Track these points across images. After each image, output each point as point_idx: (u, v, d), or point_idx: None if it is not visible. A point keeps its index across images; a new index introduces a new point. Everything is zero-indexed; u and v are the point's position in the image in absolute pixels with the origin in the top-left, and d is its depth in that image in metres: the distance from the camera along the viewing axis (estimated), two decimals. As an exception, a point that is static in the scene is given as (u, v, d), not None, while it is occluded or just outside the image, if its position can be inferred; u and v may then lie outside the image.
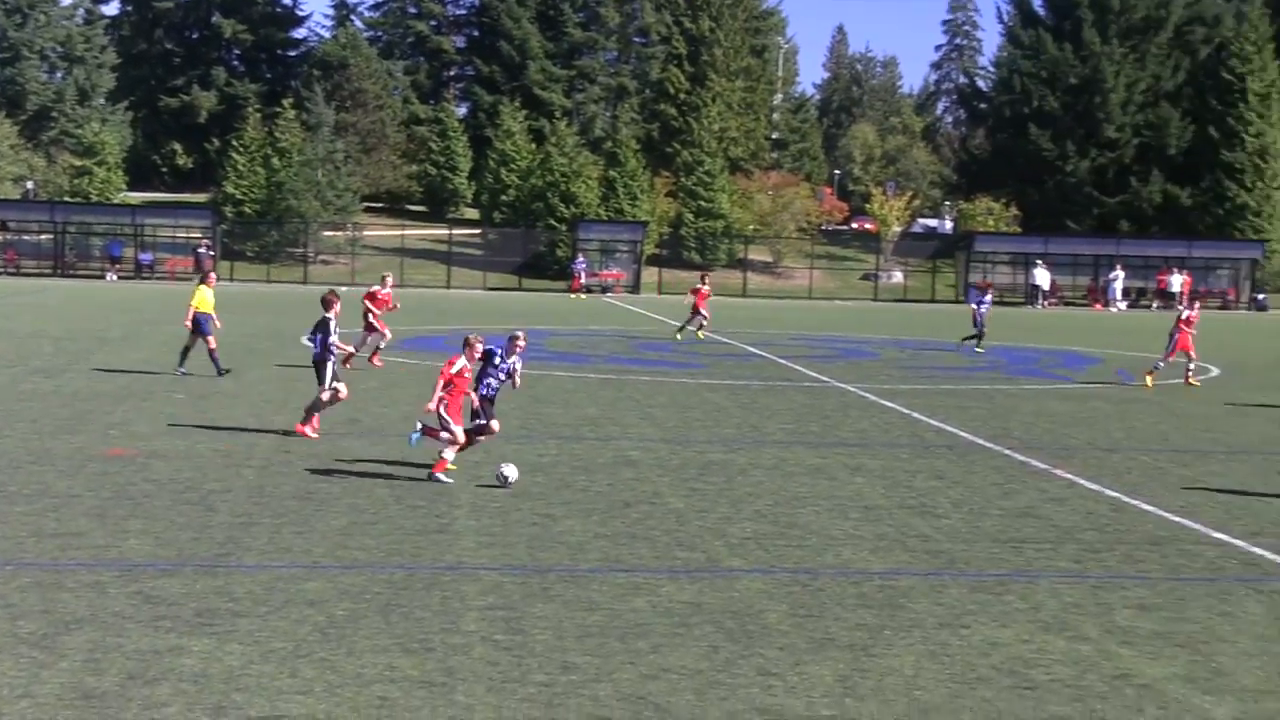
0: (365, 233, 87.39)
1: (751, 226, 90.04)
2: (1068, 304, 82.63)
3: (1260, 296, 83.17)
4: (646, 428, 23.01)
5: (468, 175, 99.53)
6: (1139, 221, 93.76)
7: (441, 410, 17.48)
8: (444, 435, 17.61)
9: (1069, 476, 19.50)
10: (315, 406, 21.17)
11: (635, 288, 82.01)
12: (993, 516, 16.47)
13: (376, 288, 33.31)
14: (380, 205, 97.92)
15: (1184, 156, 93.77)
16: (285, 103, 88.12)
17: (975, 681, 10.20)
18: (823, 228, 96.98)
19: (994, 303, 46.93)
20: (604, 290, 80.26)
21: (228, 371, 28.25)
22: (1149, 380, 32.74)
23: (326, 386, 21.03)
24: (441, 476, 17.48)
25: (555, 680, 9.95)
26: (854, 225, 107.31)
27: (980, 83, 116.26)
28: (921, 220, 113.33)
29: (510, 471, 17.39)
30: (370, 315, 31.83)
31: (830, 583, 13.09)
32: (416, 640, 10.81)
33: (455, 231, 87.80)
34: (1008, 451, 21.71)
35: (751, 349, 41.42)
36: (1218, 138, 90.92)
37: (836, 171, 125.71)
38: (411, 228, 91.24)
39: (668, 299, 76.61)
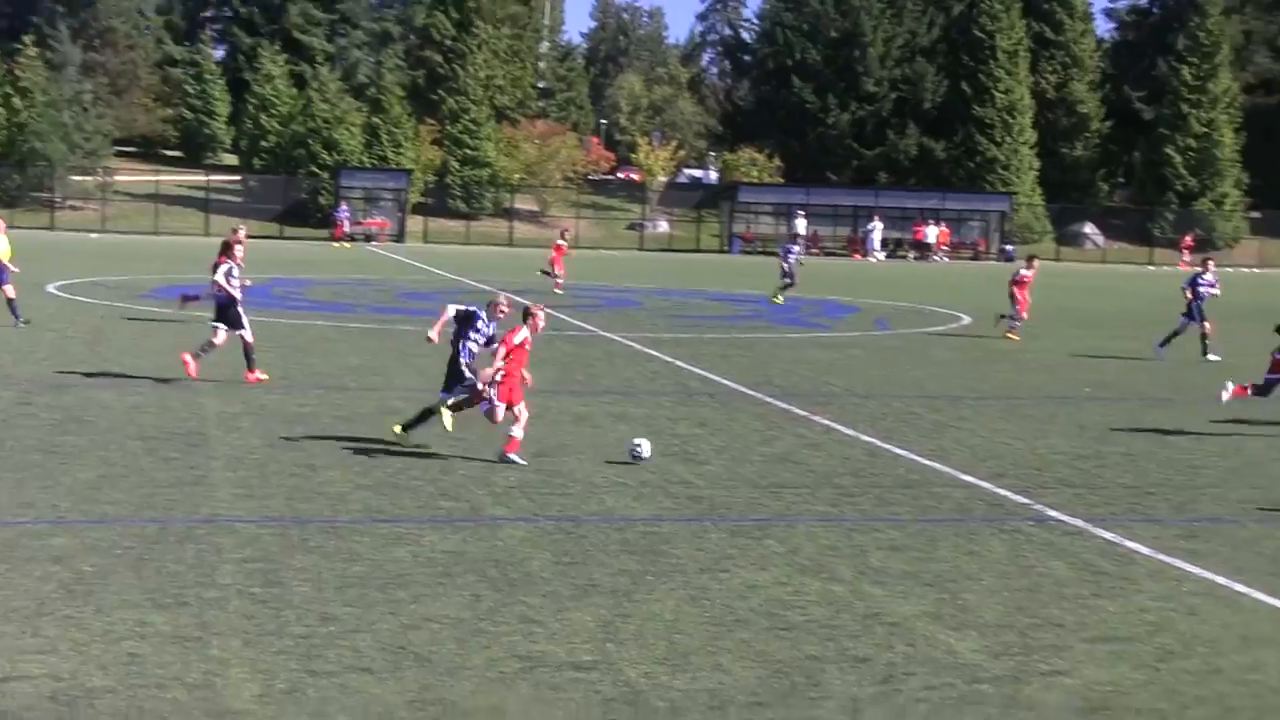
0: (117, 178, 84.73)
1: (518, 175, 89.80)
2: (828, 254, 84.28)
3: (1009, 248, 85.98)
4: (411, 377, 22.82)
5: (226, 120, 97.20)
6: (896, 173, 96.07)
7: (490, 386, 16.25)
8: (493, 410, 16.30)
9: (827, 422, 19.93)
10: (248, 351, 21.38)
11: (400, 237, 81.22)
12: (753, 462, 16.75)
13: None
14: (133, 150, 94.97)
15: (938, 111, 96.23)
16: (27, 39, 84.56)
17: (734, 624, 10.38)
18: (589, 177, 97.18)
19: (757, 253, 47.53)
20: (368, 239, 79.25)
21: (27, 323, 27.44)
22: (1011, 335, 33.54)
23: (245, 329, 21.35)
24: (515, 458, 16.03)
25: (314, 632, 9.83)
26: (620, 175, 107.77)
27: (745, 35, 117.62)
28: (687, 170, 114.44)
29: (645, 449, 16.38)
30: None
31: (593, 530, 13.17)
32: (170, 595, 10.57)
33: (213, 178, 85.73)
34: (768, 399, 22.09)
35: (517, 298, 41.37)
36: (969, 93, 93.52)
37: (603, 121, 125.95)
38: (167, 174, 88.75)
39: (434, 248, 76.02)
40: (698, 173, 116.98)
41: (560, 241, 45.33)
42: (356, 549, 12.14)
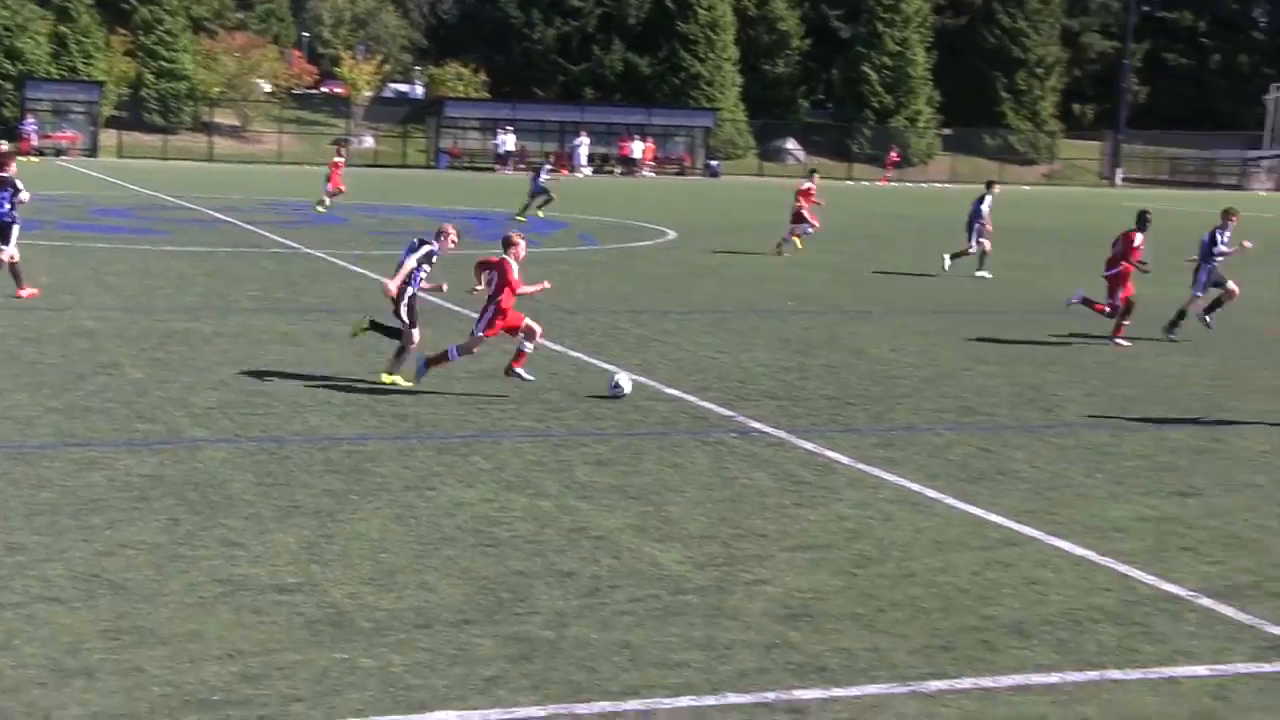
0: None
1: (217, 89, 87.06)
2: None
3: (713, 163, 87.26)
4: (104, 296, 21.99)
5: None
6: (603, 89, 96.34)
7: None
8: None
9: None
10: (15, 273, 20.91)
11: (93, 151, 78.03)
12: (460, 379, 16.63)
13: None
14: None
15: (643, 27, 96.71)
16: None
17: (440, 542, 10.31)
18: (292, 91, 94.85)
19: (465, 168, 47.16)
20: (58, 153, 75.92)
21: None
22: (786, 249, 34.12)
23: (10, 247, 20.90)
24: (522, 372, 15.77)
25: (1, 563, 9.40)
26: (324, 89, 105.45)
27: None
28: (392, 85, 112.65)
29: (625, 384, 15.94)
30: None
31: (297, 450, 12.91)
32: None
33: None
34: (475, 315, 21.93)
35: (217, 214, 40.23)
36: (673, 9, 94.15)
37: (305, 34, 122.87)
38: None
39: (129, 163, 73.28)
40: (404, 87, 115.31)
41: (337, 159, 44.63)
42: (46, 475, 11.64)
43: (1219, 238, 22.83)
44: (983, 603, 9.40)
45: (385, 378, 16.25)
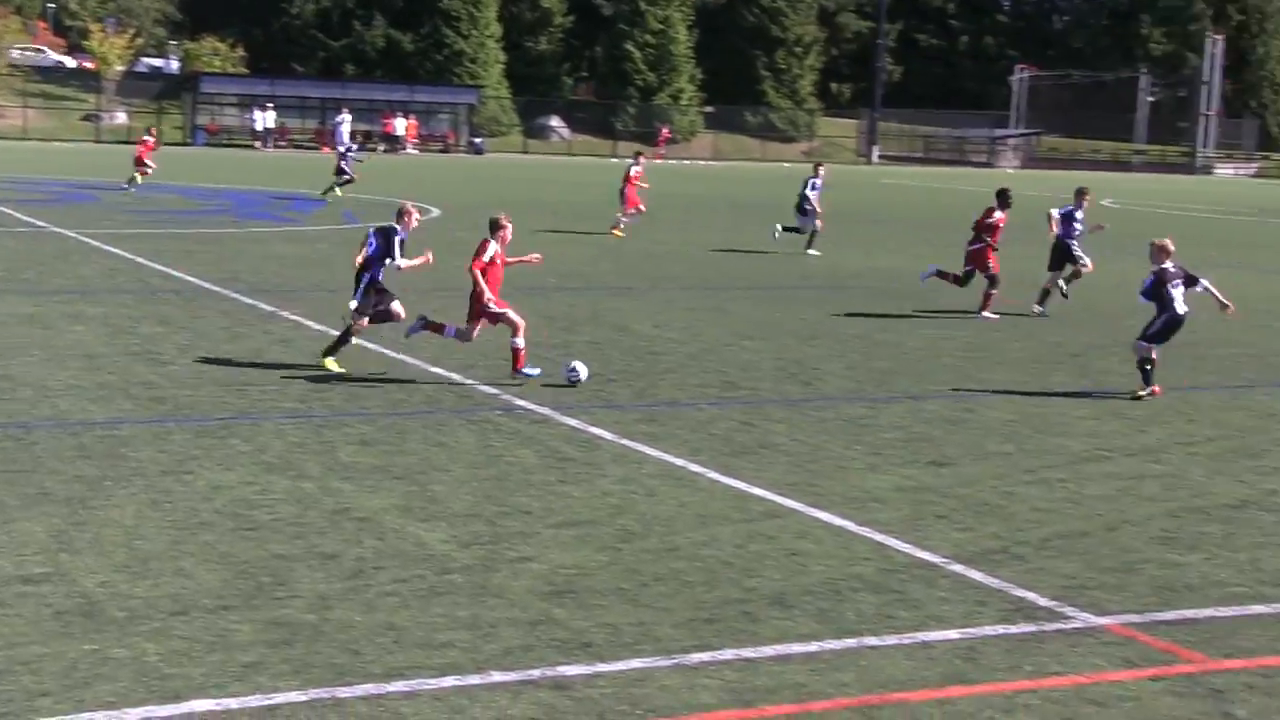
0: None
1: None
2: (296, 146, 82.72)
3: (477, 140, 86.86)
4: None
5: None
6: (364, 66, 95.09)
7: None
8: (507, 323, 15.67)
9: (296, 318, 19.61)
10: None
11: None
12: (219, 361, 16.28)
13: None
14: None
15: (405, 3, 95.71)
16: None
17: (198, 526, 10.07)
18: (38, 65, 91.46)
19: (223, 145, 46.15)
20: None
21: None
22: (616, 231, 34.19)
23: None
24: (528, 371, 15.68)
25: None
26: (72, 63, 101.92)
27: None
28: (146, 60, 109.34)
29: (583, 371, 15.65)
30: None
31: (46, 436, 12.48)
32: None
33: None
34: (235, 295, 21.52)
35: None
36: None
37: (51, 5, 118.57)
38: None
39: None
40: (158, 62, 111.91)
41: (146, 138, 44.08)
42: None
43: (1075, 215, 23.70)
44: (745, 575, 9.54)
45: (326, 363, 15.89)
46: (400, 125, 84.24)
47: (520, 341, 15.67)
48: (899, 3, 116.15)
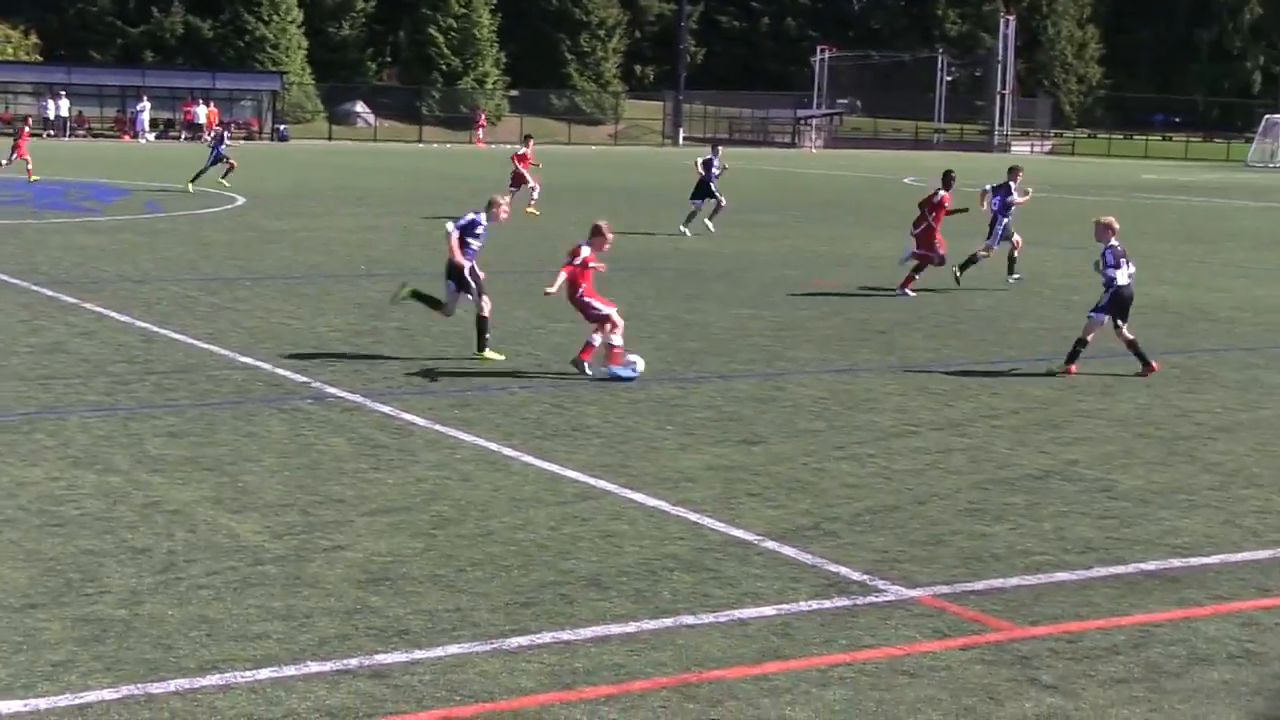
0: None
1: None
2: (95, 135, 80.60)
3: (282, 127, 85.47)
4: None
5: None
6: (164, 53, 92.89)
7: (590, 300, 15.76)
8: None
9: (99, 310, 19.14)
10: None
11: None
12: (20, 355, 15.84)
13: None
14: None
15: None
16: None
17: (2, 524, 9.80)
18: None
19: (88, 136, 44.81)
20: None
21: None
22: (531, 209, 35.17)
23: None
24: (620, 370, 15.67)
25: None
26: None
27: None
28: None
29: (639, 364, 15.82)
30: None
31: None
32: None
33: None
34: (35, 287, 20.95)
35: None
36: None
37: None
38: None
39: None
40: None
41: (24, 128, 44.26)
42: None
43: (1011, 189, 24.53)
44: (561, 557, 9.57)
45: (488, 354, 16.55)
46: (201, 112, 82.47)
47: (617, 339, 15.77)
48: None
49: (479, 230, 16.77)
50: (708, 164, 33.26)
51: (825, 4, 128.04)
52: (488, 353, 16.60)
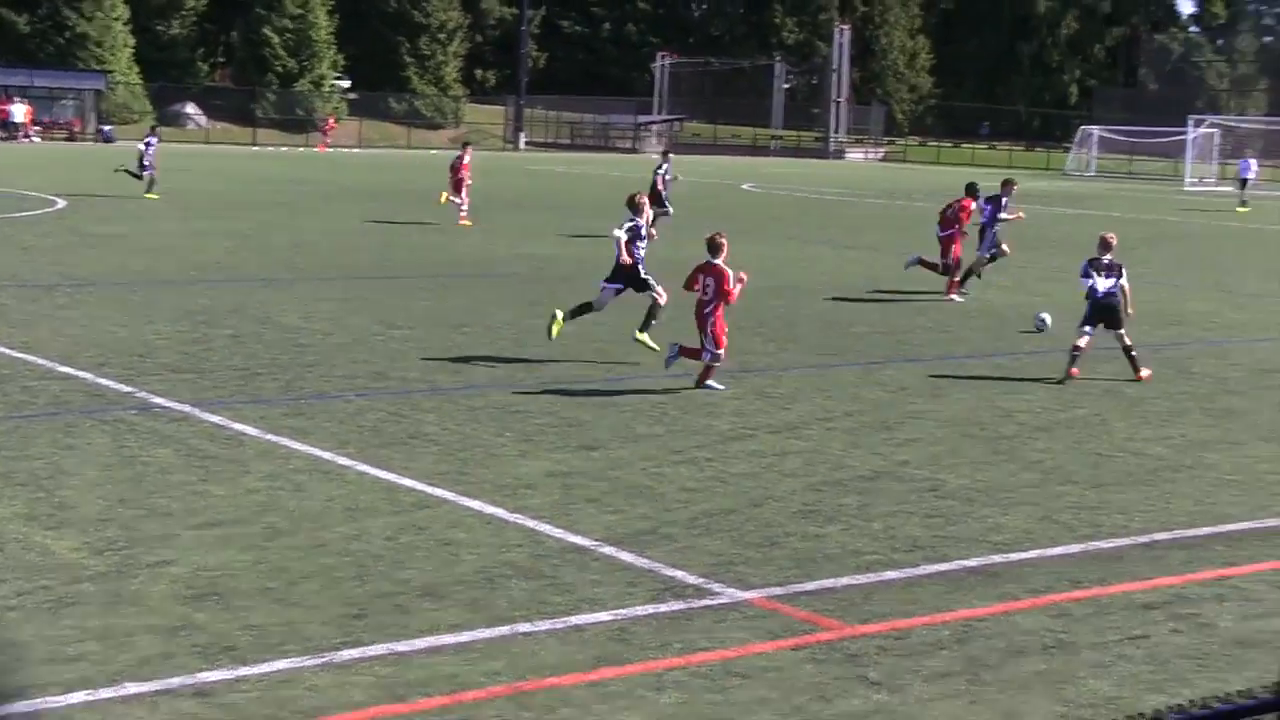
0: None
1: None
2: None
3: (106, 128, 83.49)
4: None
5: None
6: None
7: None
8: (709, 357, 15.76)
9: (-89, 318, 18.47)
10: None
11: None
12: None
13: None
14: None
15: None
16: None
17: None
18: None
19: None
20: None
21: None
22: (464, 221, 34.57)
23: None
24: (713, 383, 15.71)
25: None
26: None
27: None
28: None
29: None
30: None
31: None
32: None
33: None
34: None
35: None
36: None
37: None
38: None
39: None
40: None
41: None
42: None
43: (1002, 203, 25.19)
44: (396, 567, 9.41)
45: (640, 335, 17.21)
46: (18, 111, 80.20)
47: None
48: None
49: (642, 232, 17.60)
50: (661, 172, 34.08)
51: (666, 10, 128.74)
52: (645, 337, 17.25)
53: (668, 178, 34.11)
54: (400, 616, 8.50)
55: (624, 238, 17.45)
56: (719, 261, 15.63)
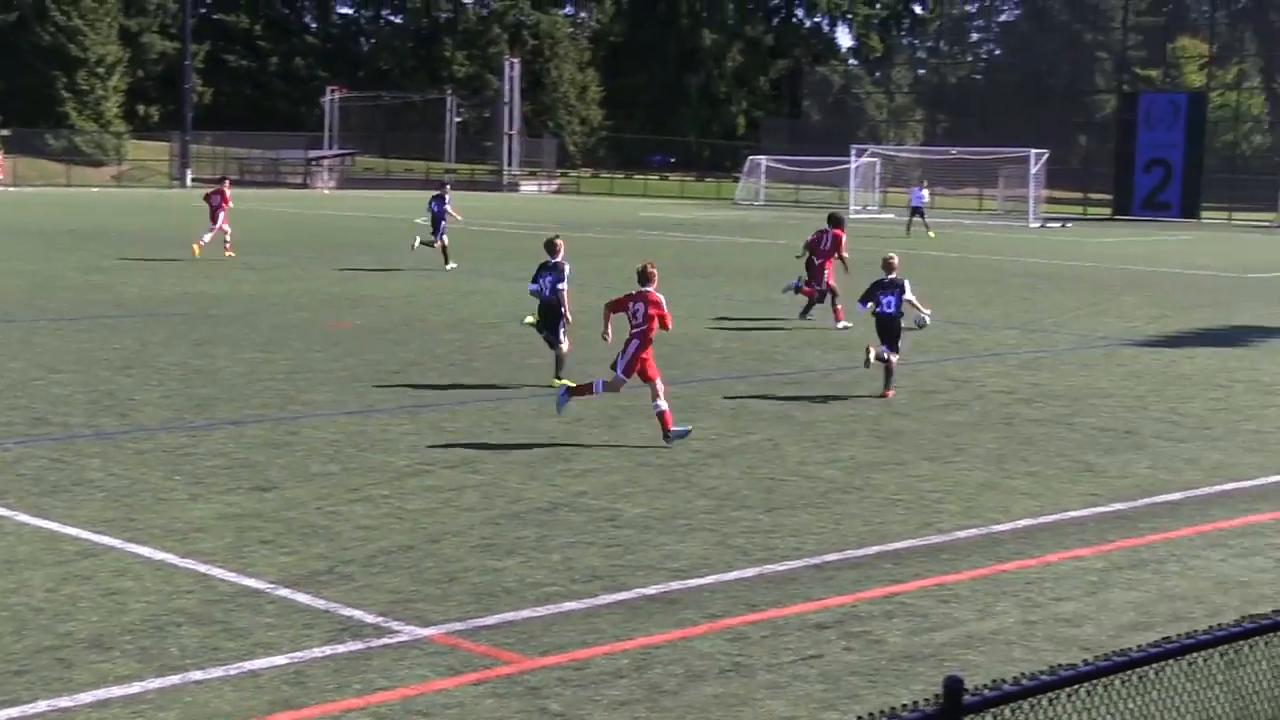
0: None
1: None
2: None
3: None
4: None
5: None
6: None
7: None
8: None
9: None
10: None
11: None
12: None
13: None
14: None
15: None
16: None
17: None
18: None
19: None
20: None
21: None
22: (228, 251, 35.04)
23: None
24: (677, 429, 15.42)
25: None
26: None
27: None
28: None
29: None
30: None
31: None
32: None
33: None
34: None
35: None
36: None
37: None
38: None
39: None
40: None
41: None
42: None
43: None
44: (59, 620, 9.09)
45: (559, 380, 18.13)
46: None
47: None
48: (204, 23, 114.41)
49: (567, 273, 18.74)
50: (438, 201, 35.65)
51: (334, 45, 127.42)
52: (564, 380, 17.97)
53: (448, 209, 35.72)
54: (64, 671, 8.22)
55: (566, 288, 18.57)
56: (651, 289, 15.55)
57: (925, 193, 61.31)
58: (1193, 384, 20.55)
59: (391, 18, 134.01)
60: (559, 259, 18.63)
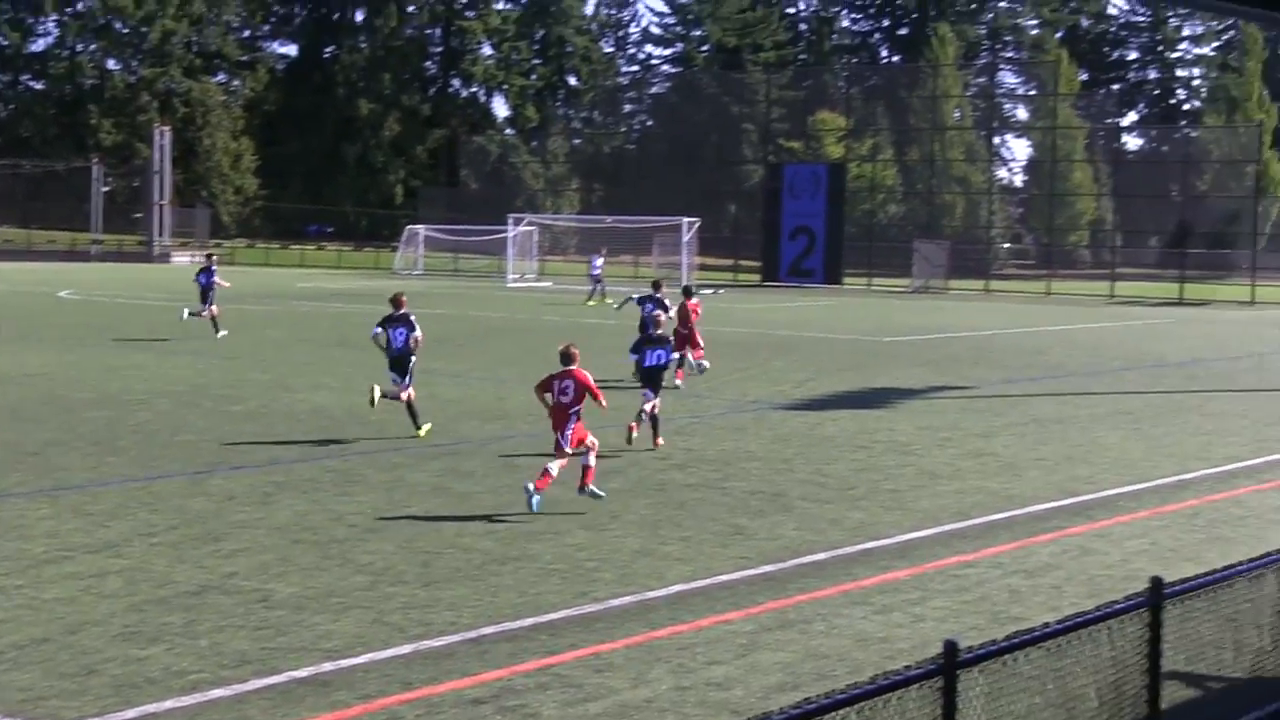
0: None
1: None
2: None
3: None
4: None
5: None
6: None
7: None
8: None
9: None
10: None
11: None
12: None
13: None
14: None
15: None
16: None
17: None
18: None
19: None
20: None
21: None
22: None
23: None
24: (594, 488, 16.09)
25: None
26: None
27: None
28: None
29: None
30: None
31: None
32: None
33: None
34: None
35: None
36: None
37: None
38: None
39: None
40: None
41: None
42: None
43: (660, 299, 27.71)
44: None
45: (421, 431, 20.62)
46: None
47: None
48: None
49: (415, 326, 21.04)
50: (206, 274, 36.55)
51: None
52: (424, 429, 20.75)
53: (215, 279, 36.50)
54: None
55: (419, 334, 21.03)
56: (576, 367, 16.23)
57: (600, 261, 62.50)
58: (836, 446, 21.30)
59: (32, 83, 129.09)
60: (404, 310, 21.15)
